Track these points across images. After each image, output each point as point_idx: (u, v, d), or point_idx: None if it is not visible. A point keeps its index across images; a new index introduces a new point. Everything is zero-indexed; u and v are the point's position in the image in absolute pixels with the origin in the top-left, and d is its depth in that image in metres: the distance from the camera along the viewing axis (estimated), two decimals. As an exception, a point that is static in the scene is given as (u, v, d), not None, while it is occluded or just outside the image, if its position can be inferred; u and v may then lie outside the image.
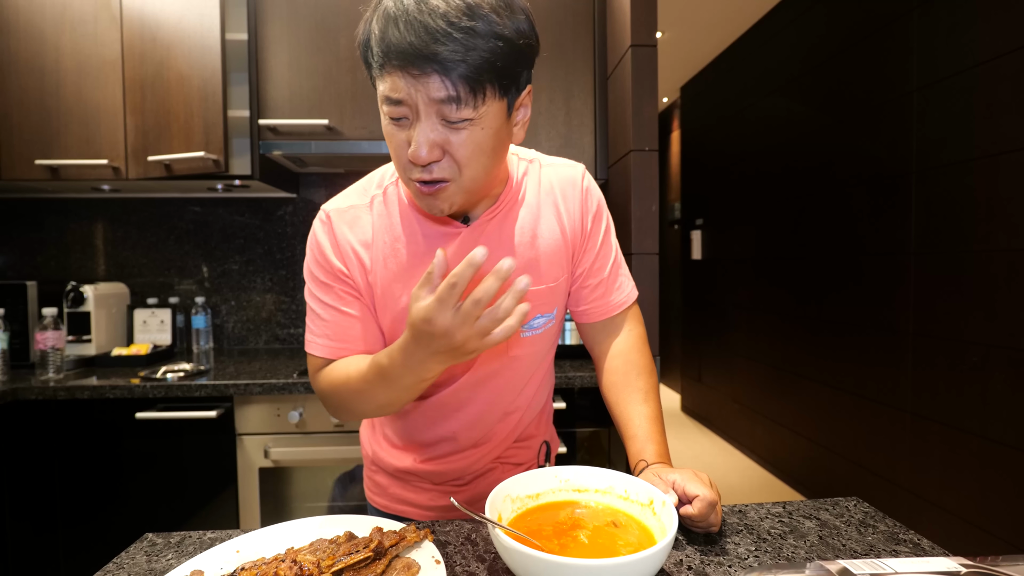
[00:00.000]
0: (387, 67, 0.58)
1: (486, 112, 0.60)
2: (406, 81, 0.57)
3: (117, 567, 0.62)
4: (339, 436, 1.57)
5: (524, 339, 0.80)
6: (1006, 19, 1.77)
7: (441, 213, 0.67)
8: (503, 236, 0.76)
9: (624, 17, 1.65)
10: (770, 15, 3.23)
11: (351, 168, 2.07)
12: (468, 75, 0.56)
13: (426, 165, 0.61)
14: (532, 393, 0.88)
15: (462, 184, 0.64)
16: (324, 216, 0.76)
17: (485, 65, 0.57)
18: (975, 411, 1.88)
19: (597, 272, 0.84)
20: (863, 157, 2.44)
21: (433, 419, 0.84)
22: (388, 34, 0.56)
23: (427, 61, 0.55)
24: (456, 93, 0.57)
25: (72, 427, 1.56)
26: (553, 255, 0.79)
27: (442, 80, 0.56)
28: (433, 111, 0.59)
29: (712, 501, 0.62)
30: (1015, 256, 1.74)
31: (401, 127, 0.61)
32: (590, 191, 0.82)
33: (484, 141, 0.62)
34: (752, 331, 3.51)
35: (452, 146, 0.61)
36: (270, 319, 2.18)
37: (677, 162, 4.88)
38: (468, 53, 0.55)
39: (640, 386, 0.82)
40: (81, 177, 1.78)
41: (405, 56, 0.56)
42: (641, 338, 0.87)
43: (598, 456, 1.64)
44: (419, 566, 0.55)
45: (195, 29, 1.69)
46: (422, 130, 0.59)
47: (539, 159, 0.82)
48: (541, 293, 0.78)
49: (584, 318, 0.87)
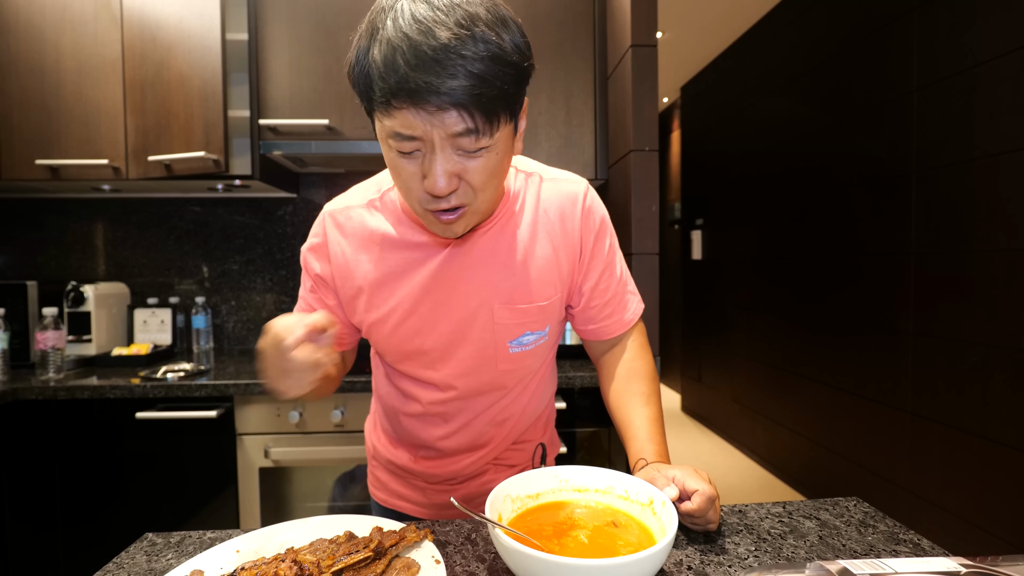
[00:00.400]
0: (396, 103, 0.55)
1: (499, 138, 0.60)
2: (420, 117, 0.55)
3: (117, 567, 0.62)
4: (339, 436, 1.58)
5: (513, 354, 0.79)
6: (1006, 19, 1.76)
7: (456, 236, 0.67)
8: (497, 251, 0.75)
9: (624, 17, 1.65)
10: (770, 15, 3.23)
11: (351, 168, 2.07)
12: (485, 107, 0.55)
13: (446, 196, 0.61)
14: (527, 400, 0.87)
15: (477, 207, 0.64)
16: (321, 218, 0.79)
17: (499, 95, 0.56)
18: (975, 411, 1.88)
19: (602, 293, 0.82)
20: (863, 157, 2.44)
21: (425, 425, 0.85)
22: (396, 69, 0.53)
23: (443, 97, 0.53)
24: (474, 125, 0.56)
25: (72, 427, 1.56)
26: (546, 274, 0.77)
27: (459, 114, 0.55)
28: (449, 143, 0.57)
29: (711, 496, 0.62)
30: (1015, 256, 1.74)
31: (412, 160, 0.60)
32: (592, 210, 0.80)
33: (497, 164, 0.62)
34: (752, 331, 3.51)
35: (468, 173, 0.60)
36: (270, 319, 2.17)
37: (677, 162, 4.88)
38: (483, 86, 0.54)
39: (642, 390, 0.82)
40: (81, 177, 1.78)
41: (420, 94, 0.53)
42: (643, 345, 0.88)
43: (598, 456, 1.64)
44: (419, 566, 0.55)
45: (195, 29, 1.69)
46: (439, 163, 0.58)
47: (540, 172, 0.80)
48: (530, 311, 0.77)
49: (591, 336, 0.87)
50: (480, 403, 0.83)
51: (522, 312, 0.77)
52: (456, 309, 0.76)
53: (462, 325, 0.76)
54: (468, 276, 0.75)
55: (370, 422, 0.99)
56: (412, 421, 0.85)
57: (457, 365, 0.79)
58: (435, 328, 0.76)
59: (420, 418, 0.85)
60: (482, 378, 0.80)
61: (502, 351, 0.78)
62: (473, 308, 0.76)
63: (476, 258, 0.75)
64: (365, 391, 1.54)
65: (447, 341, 0.77)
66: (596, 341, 0.87)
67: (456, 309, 0.76)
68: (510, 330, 0.77)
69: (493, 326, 0.77)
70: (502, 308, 0.76)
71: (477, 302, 0.75)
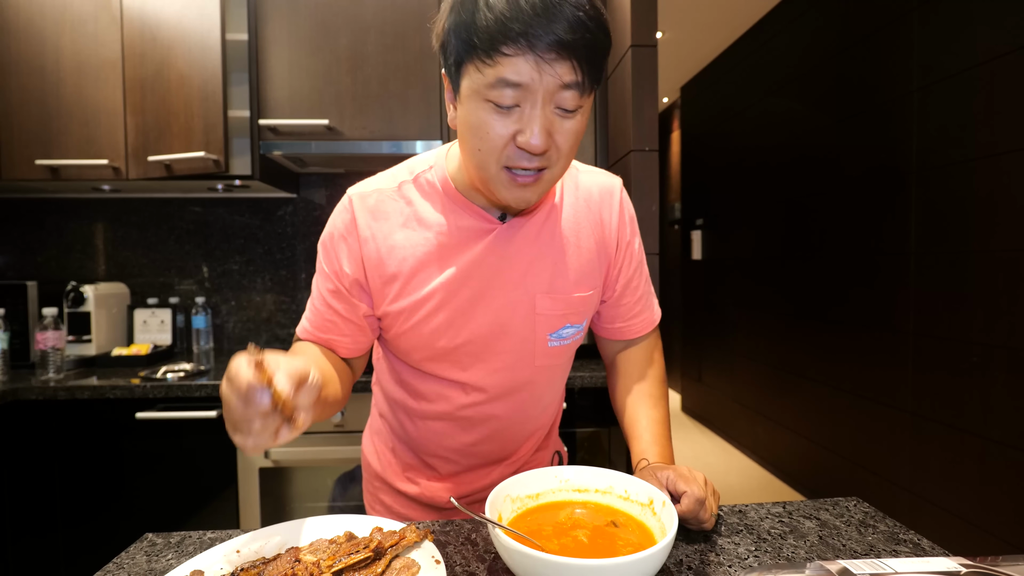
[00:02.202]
0: (508, 49, 0.55)
1: (588, 103, 0.61)
2: (533, 65, 0.55)
3: (117, 567, 0.62)
4: (339, 436, 1.58)
5: (552, 348, 0.77)
6: (1006, 19, 1.76)
7: (528, 204, 0.65)
8: (541, 238, 0.74)
9: (624, 17, 1.65)
10: (770, 15, 3.23)
11: (351, 168, 2.07)
12: (593, 62, 0.57)
13: (541, 154, 0.60)
14: (556, 409, 0.87)
15: (554, 175, 0.63)
16: (347, 201, 0.73)
17: (604, 54, 0.58)
18: (975, 411, 1.88)
19: (634, 291, 0.82)
20: (863, 157, 2.44)
21: (450, 433, 0.81)
22: (520, 13, 0.53)
23: (563, 47, 0.55)
24: (582, 79, 0.57)
25: (72, 427, 1.56)
26: (589, 264, 0.76)
27: (573, 66, 0.56)
28: (550, 98, 0.58)
29: (699, 499, 0.62)
30: (1016, 256, 1.74)
31: (506, 115, 0.58)
32: (627, 205, 0.81)
33: (581, 130, 0.62)
34: (752, 331, 3.51)
35: (560, 134, 0.60)
36: (270, 319, 2.18)
37: (677, 162, 4.88)
38: (596, 41, 0.57)
39: (652, 391, 0.82)
40: (81, 177, 1.78)
41: (541, 40, 0.54)
42: (658, 347, 0.88)
43: (598, 456, 1.64)
44: (419, 566, 0.55)
45: (195, 29, 1.69)
46: (541, 117, 0.58)
47: (576, 164, 0.80)
48: (574, 302, 0.75)
49: (615, 335, 0.86)
50: (513, 407, 0.79)
51: (564, 303, 0.75)
52: (497, 298, 0.72)
53: (501, 316, 0.73)
54: (511, 264, 0.72)
55: (372, 441, 0.91)
56: (430, 429, 0.81)
57: (492, 360, 0.75)
58: (473, 318, 0.73)
59: (442, 424, 0.80)
60: (517, 375, 0.77)
61: (541, 344, 0.76)
62: (515, 298, 0.73)
63: (520, 245, 0.72)
64: (365, 391, 1.54)
65: (485, 332, 0.73)
66: (616, 340, 0.87)
67: (497, 298, 0.72)
68: (551, 322, 0.75)
69: (534, 317, 0.74)
70: (544, 298, 0.74)
71: (520, 292, 0.73)
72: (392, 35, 1.75)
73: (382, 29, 1.75)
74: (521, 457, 0.86)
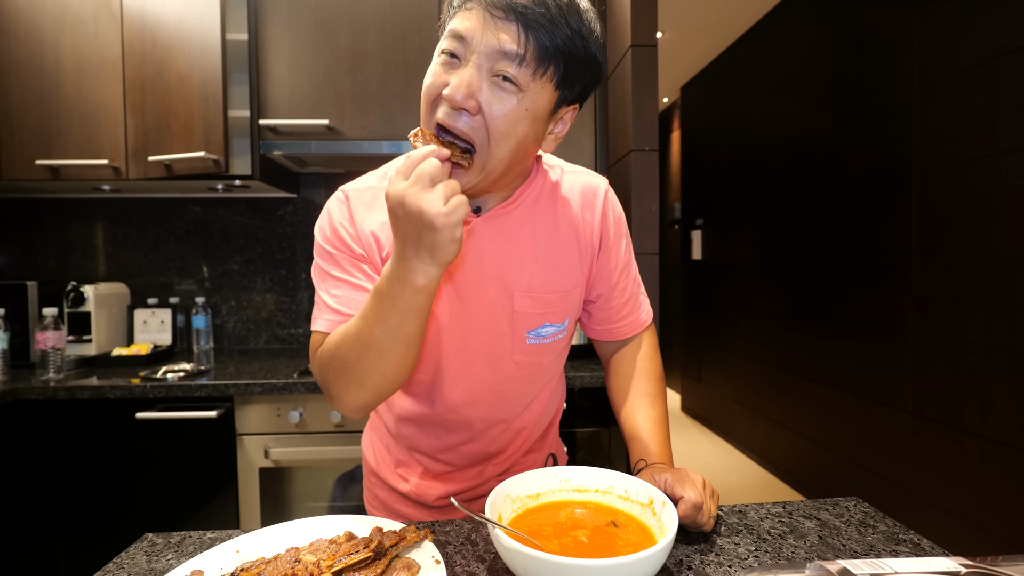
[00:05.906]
0: (470, 3, 0.58)
1: (536, 91, 0.60)
2: (481, 21, 0.57)
3: (117, 567, 0.62)
4: (339, 436, 1.58)
5: (529, 346, 0.77)
6: (1006, 19, 1.76)
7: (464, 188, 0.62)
8: (518, 233, 0.74)
9: (624, 17, 1.65)
10: (770, 15, 3.23)
11: (351, 168, 2.07)
12: (544, 42, 0.57)
13: (457, 110, 0.59)
14: (540, 409, 0.86)
15: (485, 160, 0.61)
16: (342, 195, 0.74)
17: (562, 46, 0.58)
18: (975, 411, 1.88)
19: (621, 292, 0.82)
20: (863, 157, 2.44)
21: (440, 431, 0.81)
22: None
23: (512, 10, 0.56)
24: (524, 52, 0.57)
25: (72, 427, 1.56)
26: (567, 262, 0.76)
27: (519, 32, 0.57)
28: (488, 64, 0.58)
29: (696, 503, 0.62)
30: (1016, 256, 1.74)
31: (447, 68, 0.59)
32: (613, 206, 0.81)
33: (520, 120, 0.60)
34: (752, 331, 3.51)
35: (490, 105, 0.59)
36: (270, 319, 2.18)
37: (677, 162, 4.88)
38: (554, 27, 0.57)
39: (649, 391, 0.82)
40: (81, 177, 1.78)
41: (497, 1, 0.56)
42: (654, 346, 0.88)
43: (598, 456, 1.64)
44: (419, 566, 0.55)
45: (195, 29, 1.69)
46: (468, 73, 0.58)
47: (562, 165, 0.81)
48: (552, 300, 0.76)
49: (606, 336, 0.86)
50: (494, 404, 0.80)
51: (543, 301, 0.75)
52: (474, 295, 0.73)
53: (479, 312, 0.74)
54: (489, 261, 0.72)
55: (369, 438, 0.93)
56: (413, 426, 0.82)
57: (469, 356, 0.76)
58: (449, 313, 0.73)
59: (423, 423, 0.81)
60: (496, 372, 0.77)
61: (519, 342, 0.76)
62: (492, 295, 0.73)
63: (497, 242, 0.73)
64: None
65: (462, 327, 0.74)
66: (609, 341, 0.87)
67: (474, 295, 0.73)
68: (529, 319, 0.75)
69: (512, 315, 0.74)
70: (523, 296, 0.74)
71: (497, 288, 0.73)
72: (392, 35, 1.75)
73: (382, 29, 1.75)
74: (511, 456, 0.86)
